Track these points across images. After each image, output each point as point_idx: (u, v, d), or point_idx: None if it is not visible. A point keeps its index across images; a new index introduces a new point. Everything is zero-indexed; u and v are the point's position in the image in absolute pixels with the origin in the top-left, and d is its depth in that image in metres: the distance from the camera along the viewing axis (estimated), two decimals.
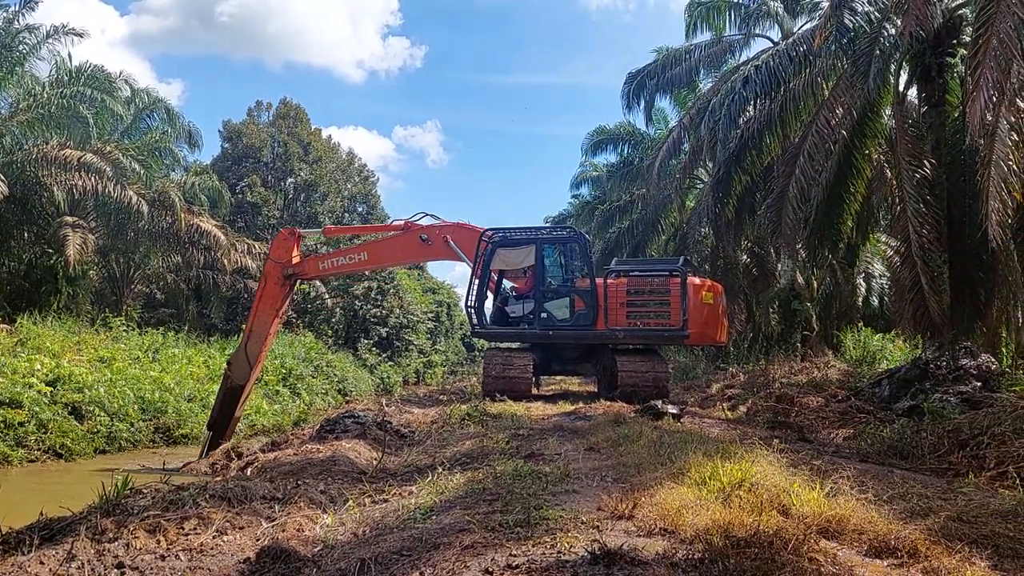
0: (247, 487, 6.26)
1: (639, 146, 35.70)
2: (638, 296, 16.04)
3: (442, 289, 67.00)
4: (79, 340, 21.16)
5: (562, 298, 16.65)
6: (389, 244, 18.41)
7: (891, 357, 19.00)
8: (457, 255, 17.13)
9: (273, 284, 16.92)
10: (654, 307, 15.97)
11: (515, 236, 17.18)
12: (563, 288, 16.77)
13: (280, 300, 17.03)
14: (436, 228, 17.47)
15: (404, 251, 18.17)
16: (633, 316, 15.97)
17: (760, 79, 18.26)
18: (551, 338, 16.63)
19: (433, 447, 9.29)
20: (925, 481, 6.70)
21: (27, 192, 24.29)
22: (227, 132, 45.75)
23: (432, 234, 17.30)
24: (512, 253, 17.06)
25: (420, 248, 17.54)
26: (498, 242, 16.86)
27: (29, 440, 14.94)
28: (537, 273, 16.68)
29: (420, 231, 17.34)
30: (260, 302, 16.92)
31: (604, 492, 5.74)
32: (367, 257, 18.30)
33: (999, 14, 9.90)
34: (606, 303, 15.96)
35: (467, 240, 17.12)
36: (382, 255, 18.71)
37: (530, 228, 17.80)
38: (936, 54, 15.16)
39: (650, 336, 16.34)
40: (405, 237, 17.69)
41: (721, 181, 21.23)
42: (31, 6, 24.68)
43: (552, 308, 16.59)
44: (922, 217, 14.07)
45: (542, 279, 16.68)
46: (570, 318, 16.43)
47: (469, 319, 17.44)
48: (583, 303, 16.33)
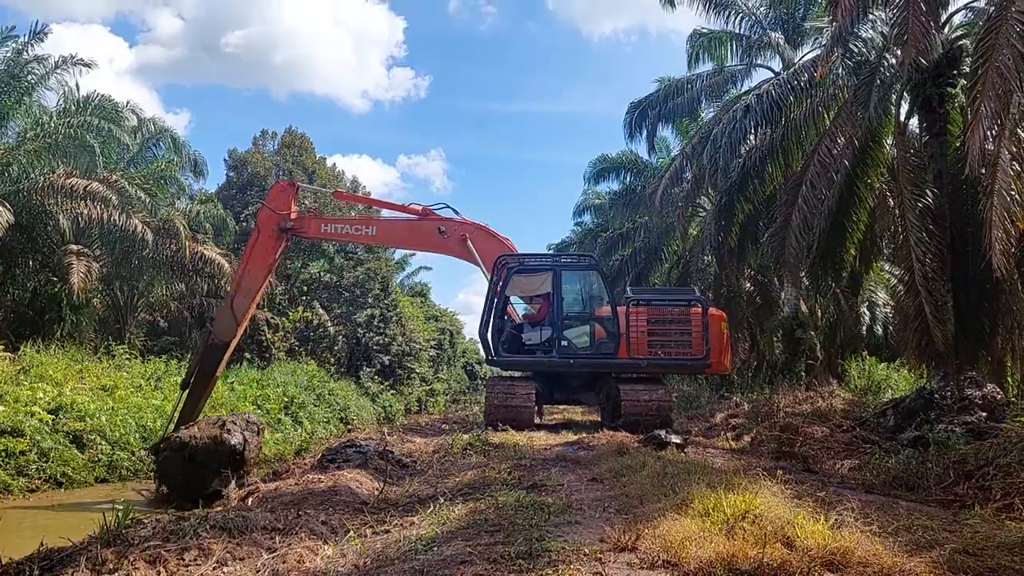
0: (248, 517, 6.23)
1: (641, 174, 35.84)
2: (659, 325, 16.14)
3: (445, 316, 67.04)
4: (82, 368, 21.13)
5: (582, 326, 16.56)
6: (403, 225, 17.70)
7: (896, 386, 18.94)
8: (472, 257, 16.66)
9: (267, 236, 16.11)
10: (675, 336, 16.12)
11: (532, 263, 17.06)
12: (583, 316, 16.66)
13: (273, 254, 16.29)
14: (456, 223, 17.00)
15: (416, 237, 17.58)
16: (655, 345, 16.06)
17: (762, 108, 18.38)
18: (572, 367, 16.37)
19: (435, 477, 9.24)
20: (931, 513, 6.65)
21: (32, 220, 24.38)
22: (232, 161, 45.98)
23: (451, 228, 16.82)
24: (528, 280, 16.88)
25: (434, 239, 16.98)
26: (515, 268, 16.55)
27: (30, 469, 14.86)
28: (554, 301, 16.40)
29: (439, 222, 16.89)
30: (252, 254, 16.04)
31: (607, 523, 5.69)
32: (376, 232, 17.66)
33: (998, 46, 9.97)
34: (628, 332, 15.91)
35: (486, 245, 16.68)
36: (393, 234, 18.07)
37: (545, 255, 17.77)
38: (937, 84, 15.24)
39: (672, 365, 16.62)
40: (421, 223, 17.14)
41: (724, 209, 21.29)
42: (40, 37, 24.92)
43: (572, 336, 16.46)
44: (925, 246, 14.08)
45: (560, 307, 16.39)
46: (591, 346, 16.32)
47: (484, 347, 16.78)
48: (604, 332, 16.28)
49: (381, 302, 45.14)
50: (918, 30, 11.32)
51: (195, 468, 12.27)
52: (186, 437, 12.50)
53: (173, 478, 12.57)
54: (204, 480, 12.23)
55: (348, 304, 43.44)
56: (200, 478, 12.24)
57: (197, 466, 12.26)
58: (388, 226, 17.78)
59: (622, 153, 35.95)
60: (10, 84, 24.56)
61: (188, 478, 12.28)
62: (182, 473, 12.36)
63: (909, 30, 11.33)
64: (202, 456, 12.25)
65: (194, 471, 12.27)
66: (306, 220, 17.13)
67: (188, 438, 12.45)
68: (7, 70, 24.61)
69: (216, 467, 12.31)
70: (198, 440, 12.39)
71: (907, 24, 11.38)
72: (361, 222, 18.14)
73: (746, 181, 20.22)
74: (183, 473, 12.35)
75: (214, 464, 12.32)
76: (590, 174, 37.49)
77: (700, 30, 25.98)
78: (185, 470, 12.29)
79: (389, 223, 17.99)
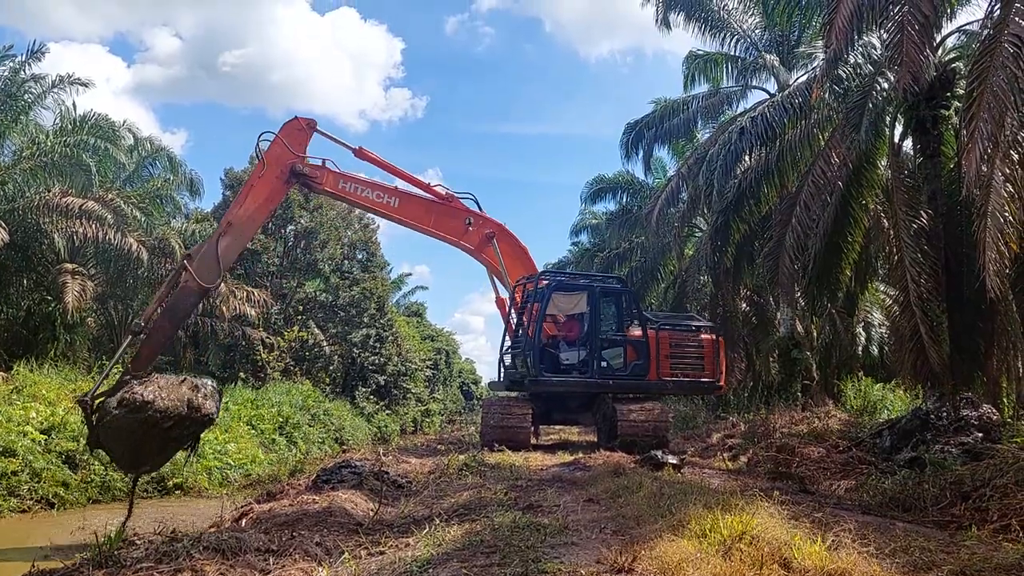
0: (241, 539, 6.19)
1: (638, 195, 35.95)
2: (679, 348, 16.87)
3: (441, 336, 66.96)
4: (75, 388, 21.01)
5: (617, 347, 16.79)
6: (427, 206, 16.48)
7: (892, 407, 18.92)
8: (495, 259, 16.28)
9: (275, 176, 14.30)
10: (691, 359, 16.95)
11: (570, 281, 17.32)
12: (618, 337, 16.90)
13: (277, 198, 14.86)
14: (484, 219, 16.45)
15: (439, 222, 16.40)
16: (675, 368, 16.71)
17: (757, 130, 18.46)
18: (610, 388, 16.55)
19: (430, 498, 9.20)
20: (927, 534, 6.63)
21: (28, 239, 24.36)
22: (229, 180, 45.93)
23: (477, 222, 16.26)
24: (566, 299, 16.86)
25: (458, 229, 16.19)
26: (555, 285, 16.65)
27: (22, 490, 14.76)
28: (591, 321, 16.55)
29: (466, 212, 16.30)
30: (252, 192, 13.96)
31: (603, 545, 5.66)
32: (398, 205, 16.14)
33: (992, 68, 10.03)
34: (658, 354, 16.44)
35: (512, 251, 16.50)
36: (415, 212, 16.42)
37: (582, 274, 17.93)
38: (930, 106, 15.33)
39: (691, 387, 17.63)
40: (447, 208, 16.40)
41: (719, 230, 21.33)
42: (38, 56, 25.02)
43: (608, 357, 16.69)
44: (920, 267, 14.10)
45: (597, 327, 16.60)
46: (624, 368, 16.55)
47: (525, 365, 16.05)
48: (635, 354, 16.58)
49: (377, 321, 45.05)
50: (912, 52, 11.39)
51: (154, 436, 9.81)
52: (148, 395, 9.64)
53: (120, 445, 9.96)
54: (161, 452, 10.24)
55: (344, 323, 43.33)
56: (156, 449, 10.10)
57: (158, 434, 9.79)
58: (412, 202, 16.24)
59: (619, 173, 36.10)
60: (7, 103, 24.64)
61: (140, 448, 9.89)
62: (134, 441, 9.78)
63: (903, 52, 11.39)
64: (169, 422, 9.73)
65: (152, 440, 9.87)
66: (325, 171, 15.11)
67: (152, 396, 9.63)
68: (4, 89, 24.71)
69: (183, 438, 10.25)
70: (166, 401, 9.69)
71: (901, 46, 11.44)
72: (384, 189, 16.18)
73: (742, 201, 20.27)
74: (136, 441, 9.78)
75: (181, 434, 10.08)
76: (587, 194, 37.65)
77: (696, 52, 26.21)
78: (139, 437, 9.74)
79: (414, 199, 16.41)
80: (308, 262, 44.49)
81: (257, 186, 14.02)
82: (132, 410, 9.51)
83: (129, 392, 9.72)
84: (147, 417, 9.53)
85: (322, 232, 45.98)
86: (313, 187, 15.59)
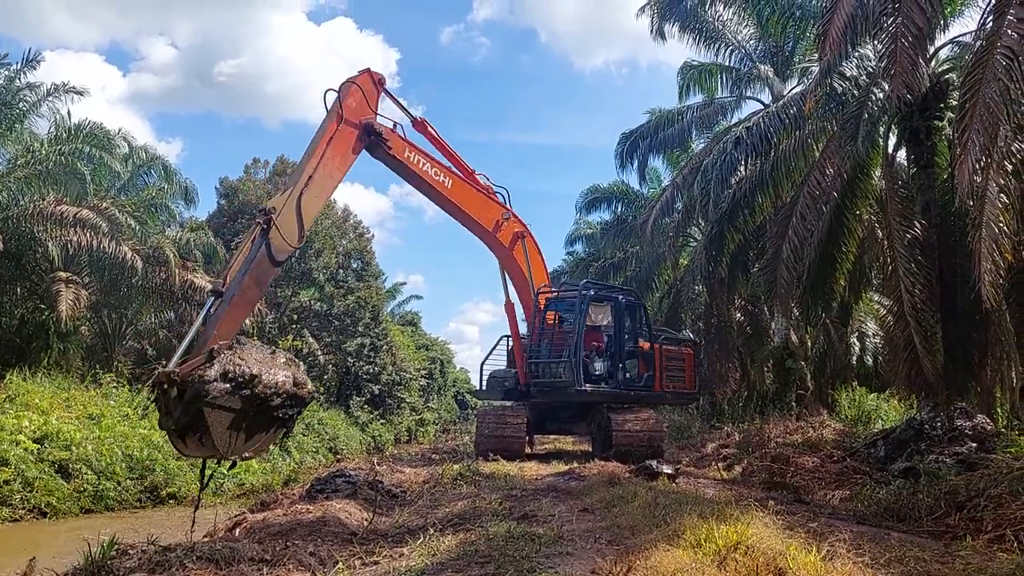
0: (235, 548, 6.15)
1: (633, 204, 35.98)
2: (672, 362, 17.87)
3: (435, 346, 66.85)
4: (68, 397, 20.96)
5: (633, 359, 17.41)
6: (474, 194, 16.11)
7: (886, 417, 18.97)
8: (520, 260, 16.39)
9: (352, 131, 12.82)
10: (677, 372, 17.94)
11: (603, 293, 17.91)
12: (634, 349, 17.49)
13: (354, 154, 13.10)
14: (516, 217, 16.50)
15: (480, 212, 16.00)
16: (670, 380, 17.66)
17: (751, 140, 18.52)
18: (629, 398, 17.00)
19: (425, 508, 9.18)
20: (922, 544, 6.62)
21: (21, 248, 24.28)
22: (223, 189, 45.96)
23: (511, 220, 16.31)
24: (595, 309, 17.36)
25: (495, 223, 15.97)
26: (592, 296, 17.15)
27: (14, 499, 14.69)
28: (617, 332, 17.12)
29: (502, 207, 16.35)
30: (331, 146, 12.31)
31: (598, 555, 5.65)
32: (451, 187, 15.50)
33: (985, 80, 10.08)
34: (662, 365, 17.33)
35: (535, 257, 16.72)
36: (462, 197, 15.79)
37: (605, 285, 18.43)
38: (924, 117, 15.41)
39: (678, 398, 18.89)
40: (490, 200, 16.31)
41: (714, 240, 21.37)
42: (33, 65, 25.00)
43: (629, 368, 17.31)
44: (914, 277, 14.14)
45: (623, 338, 17.19)
46: (639, 379, 17.16)
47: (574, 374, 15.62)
48: (646, 365, 17.33)
49: (371, 331, 45.00)
50: (906, 63, 11.45)
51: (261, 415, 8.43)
52: (253, 367, 8.27)
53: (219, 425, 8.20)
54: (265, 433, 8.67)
55: (338, 333, 43.26)
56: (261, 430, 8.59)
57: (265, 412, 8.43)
58: (462, 186, 15.72)
59: (613, 183, 36.11)
60: (2, 111, 24.59)
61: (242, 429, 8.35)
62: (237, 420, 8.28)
63: (897, 63, 11.45)
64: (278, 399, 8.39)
65: (258, 420, 8.45)
66: (394, 135, 14.01)
67: (258, 370, 8.28)
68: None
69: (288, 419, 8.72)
70: (273, 375, 8.38)
71: (895, 57, 11.51)
72: (442, 168, 15.49)
73: (736, 212, 20.32)
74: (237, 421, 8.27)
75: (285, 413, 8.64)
76: (582, 204, 37.63)
77: (691, 62, 26.31)
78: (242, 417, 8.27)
79: (464, 183, 15.87)
80: (303, 271, 44.43)
81: (336, 139, 12.53)
82: (239, 385, 8.13)
83: (231, 363, 8.19)
84: (256, 393, 8.22)
85: (317, 241, 45.95)
86: (382, 150, 14.01)
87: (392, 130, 13.83)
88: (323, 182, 11.89)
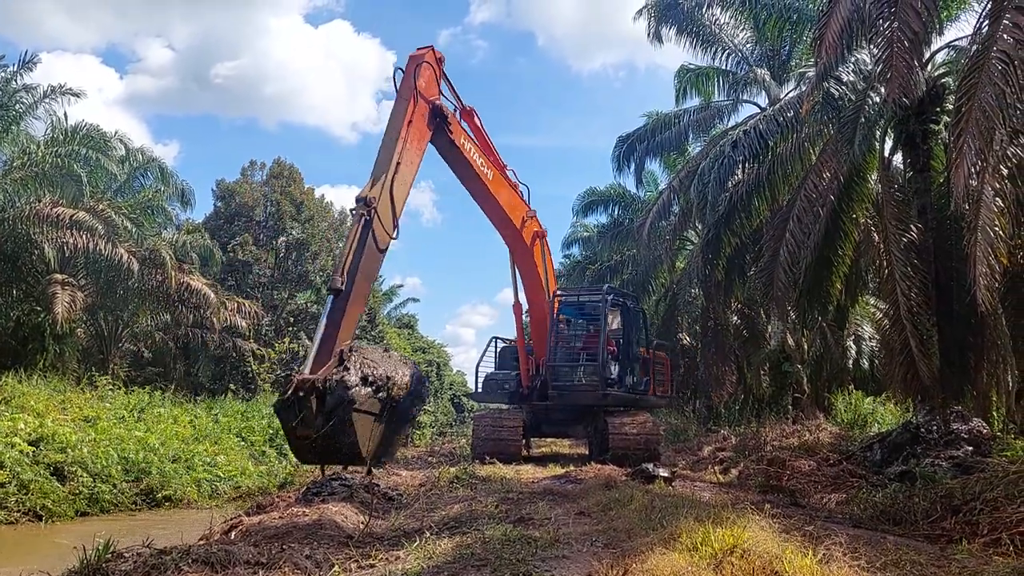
0: (230, 551, 6.14)
1: (629, 207, 36.03)
2: (659, 367, 18.55)
3: (432, 348, 66.76)
4: (64, 399, 20.89)
5: (637, 363, 17.86)
6: (508, 189, 15.97)
7: (882, 420, 18.97)
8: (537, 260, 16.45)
9: (420, 115, 12.22)
10: (659, 377, 18.50)
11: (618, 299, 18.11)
12: (638, 354, 17.94)
13: (426, 137, 12.51)
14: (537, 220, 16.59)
15: (510, 207, 15.86)
16: (658, 384, 18.33)
17: (748, 144, 18.56)
18: (637, 404, 17.29)
19: (421, 511, 9.17)
20: (918, 547, 6.63)
21: (17, 249, 24.23)
22: (220, 191, 45.93)
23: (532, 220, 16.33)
24: (611, 314, 17.78)
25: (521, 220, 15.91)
26: (611, 301, 17.40)
27: (9, 502, 14.62)
28: (625, 337, 17.53)
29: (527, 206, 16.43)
30: (409, 129, 11.75)
31: (595, 558, 5.65)
32: (491, 178, 15.18)
33: (981, 84, 10.10)
34: (654, 371, 17.96)
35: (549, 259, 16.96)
36: (499, 190, 15.60)
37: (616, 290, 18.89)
38: (920, 121, 15.43)
39: (656, 402, 18.97)
40: (518, 196, 16.29)
41: (711, 243, 21.39)
42: (29, 66, 24.97)
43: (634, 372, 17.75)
44: (910, 280, 14.16)
45: (633, 343, 17.62)
46: (641, 383, 17.55)
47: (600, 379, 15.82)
48: (645, 371, 17.83)
49: (368, 333, 44.99)
50: (902, 67, 11.47)
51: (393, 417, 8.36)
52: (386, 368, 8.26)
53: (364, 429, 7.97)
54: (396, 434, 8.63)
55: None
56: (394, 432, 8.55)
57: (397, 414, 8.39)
58: (499, 181, 15.49)
59: (610, 186, 36.15)
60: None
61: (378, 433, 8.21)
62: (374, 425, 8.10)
63: (893, 67, 11.47)
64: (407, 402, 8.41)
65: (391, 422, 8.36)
66: (456, 121, 13.48)
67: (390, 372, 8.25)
68: None
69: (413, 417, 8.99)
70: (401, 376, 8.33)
71: (891, 61, 11.53)
72: (487, 159, 15.12)
73: (733, 215, 20.34)
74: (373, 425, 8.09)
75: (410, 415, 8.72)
76: (579, 207, 37.66)
77: (687, 66, 26.35)
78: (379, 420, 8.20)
79: (501, 178, 15.68)
80: (299, 273, 44.46)
81: (415, 121, 11.96)
82: (378, 388, 8.10)
83: (367, 366, 8.19)
84: (392, 395, 8.20)
85: (313, 243, 45.97)
86: (445, 135, 13.34)
87: (453, 113, 13.34)
88: (405, 168, 11.48)
